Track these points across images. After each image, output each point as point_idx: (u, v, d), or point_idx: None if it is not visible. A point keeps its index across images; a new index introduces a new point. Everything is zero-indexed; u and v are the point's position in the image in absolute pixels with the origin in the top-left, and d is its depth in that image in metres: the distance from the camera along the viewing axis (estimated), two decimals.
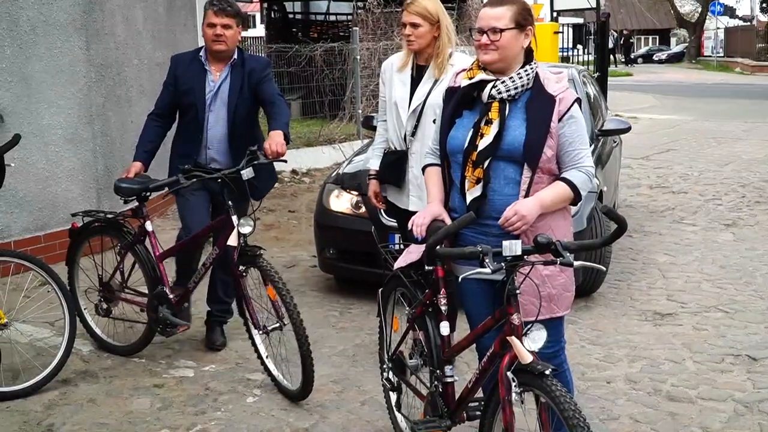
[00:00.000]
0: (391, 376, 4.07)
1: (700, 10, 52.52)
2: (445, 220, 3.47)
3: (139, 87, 8.23)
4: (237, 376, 4.98)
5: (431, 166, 3.65)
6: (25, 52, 6.73)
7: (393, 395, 4.10)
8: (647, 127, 17.57)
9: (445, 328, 3.54)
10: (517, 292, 3.08)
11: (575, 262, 3.05)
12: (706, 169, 12.44)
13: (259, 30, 43.93)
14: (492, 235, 3.34)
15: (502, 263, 3.02)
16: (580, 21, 29.11)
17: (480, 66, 3.47)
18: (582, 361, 5.19)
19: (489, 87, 3.39)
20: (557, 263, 3.04)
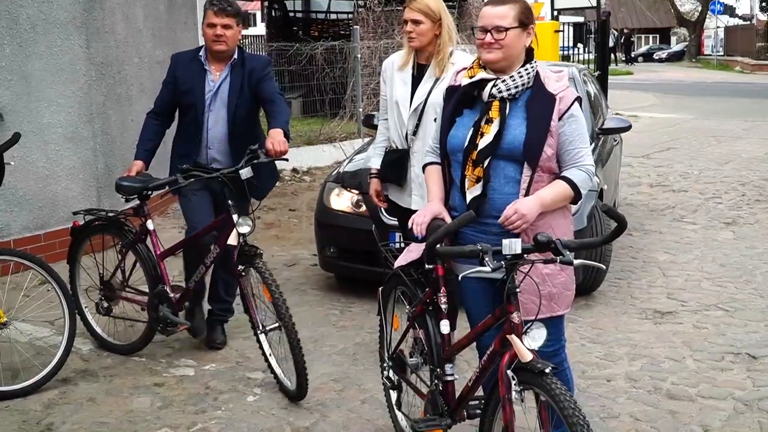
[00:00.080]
0: (392, 374, 4.07)
1: (700, 9, 52.50)
2: (445, 218, 3.47)
3: (140, 85, 8.22)
4: (237, 375, 4.98)
5: (431, 164, 3.65)
6: (25, 51, 6.73)
7: (393, 394, 4.11)
8: (647, 126, 17.57)
9: (445, 327, 3.53)
10: (517, 290, 3.09)
11: (575, 261, 3.05)
12: (706, 167, 12.43)
13: (259, 28, 43.95)
14: (492, 234, 3.34)
15: (502, 262, 3.03)
16: (580, 20, 29.12)
17: (480, 65, 3.46)
18: (582, 359, 5.19)
19: (489, 86, 3.39)
20: (557, 262, 3.04)
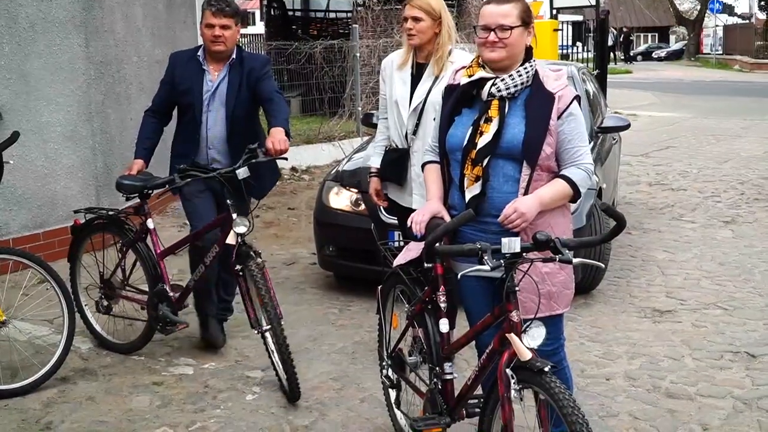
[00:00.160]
0: (391, 373, 4.07)
1: (699, 7, 52.46)
2: (444, 217, 3.47)
3: (139, 84, 8.22)
4: (236, 374, 4.98)
5: (430, 163, 3.65)
6: (24, 49, 6.72)
7: (392, 392, 4.11)
8: (646, 125, 17.56)
9: (444, 326, 3.53)
10: (516, 289, 3.09)
11: (574, 260, 3.05)
12: (705, 166, 12.43)
13: (258, 27, 43.94)
14: (491, 233, 3.34)
15: (501, 260, 3.03)
16: (579, 18, 29.12)
17: (480, 63, 3.46)
18: (581, 358, 5.19)
19: (489, 85, 3.39)
20: (556, 260, 3.05)
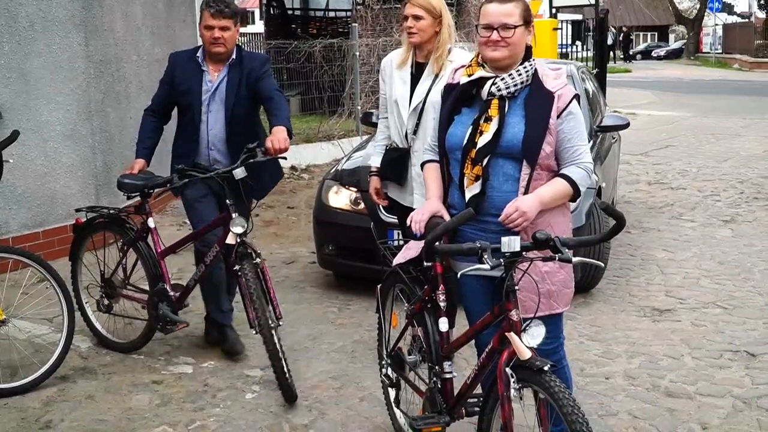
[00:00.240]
0: (390, 372, 4.08)
1: (699, 6, 52.48)
2: (444, 216, 3.47)
3: (138, 83, 8.22)
4: (236, 373, 4.98)
5: (430, 162, 3.65)
6: (24, 49, 6.72)
7: (392, 391, 4.11)
8: (646, 124, 17.56)
9: (443, 324, 3.53)
10: (515, 288, 3.09)
11: (574, 259, 3.05)
12: (704, 165, 12.43)
13: (258, 26, 43.93)
14: (491, 232, 3.34)
15: (501, 259, 3.03)
16: (578, 17, 29.09)
17: (479, 63, 3.46)
18: (581, 357, 5.19)
19: (488, 84, 3.38)
20: (556, 259, 3.05)
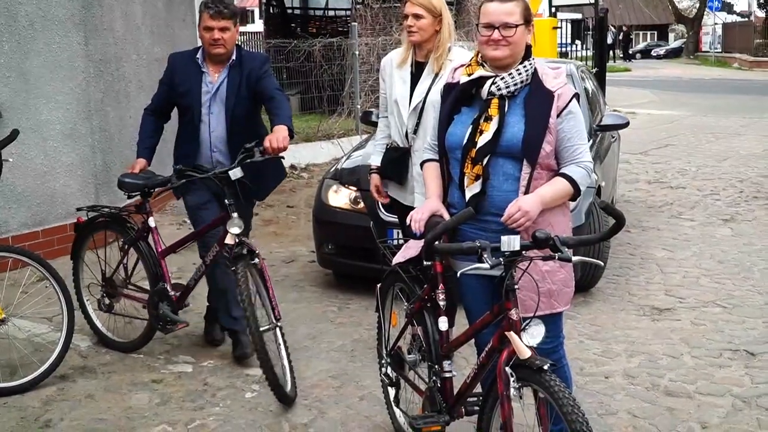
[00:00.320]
0: (390, 371, 4.08)
1: (698, 5, 52.45)
2: (444, 215, 3.47)
3: (138, 82, 8.22)
4: (235, 372, 4.98)
5: (429, 161, 3.65)
6: (24, 48, 6.72)
7: (391, 390, 4.11)
8: (645, 123, 17.56)
9: (443, 324, 3.54)
10: (515, 287, 3.09)
11: (573, 258, 3.05)
12: (704, 164, 12.43)
13: (257, 25, 43.94)
14: (491, 231, 3.34)
15: (501, 258, 3.03)
16: (578, 17, 29.11)
17: (479, 62, 3.46)
18: (580, 356, 5.19)
19: (488, 83, 3.38)
20: (555, 258, 3.05)
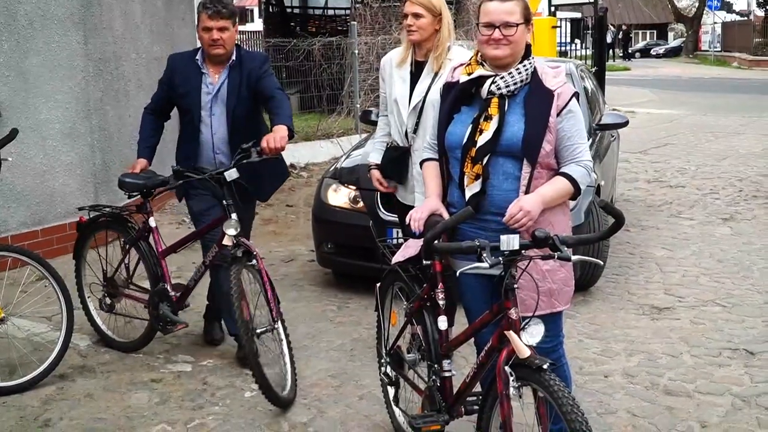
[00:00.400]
0: (389, 370, 4.08)
1: (698, 4, 52.46)
2: (443, 214, 3.46)
3: (137, 81, 8.22)
4: (235, 371, 4.98)
5: (429, 160, 3.65)
6: (23, 47, 6.72)
7: (391, 390, 4.11)
8: (645, 122, 17.56)
9: (443, 323, 3.53)
10: (515, 286, 3.08)
11: (573, 257, 3.05)
12: (703, 163, 12.43)
13: (257, 24, 43.96)
14: (491, 230, 3.34)
15: (500, 258, 3.03)
16: (577, 16, 29.09)
17: (478, 61, 3.45)
18: (580, 355, 5.19)
19: (488, 83, 3.38)
20: (555, 257, 3.04)
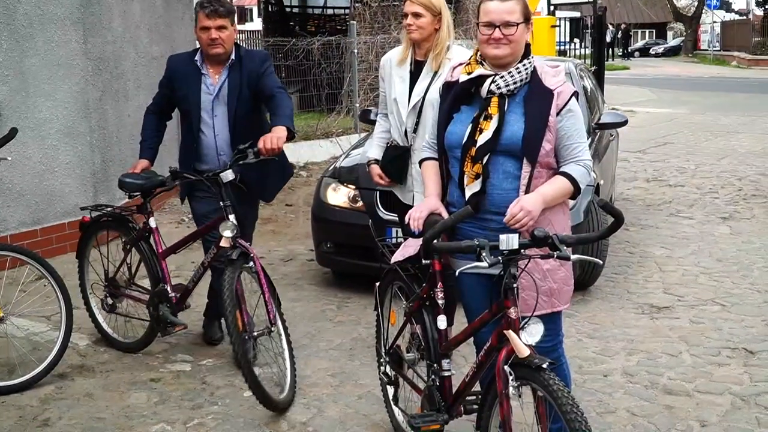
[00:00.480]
0: (389, 369, 4.08)
1: (697, 3, 52.45)
2: (442, 214, 3.46)
3: (136, 81, 8.21)
4: (234, 370, 4.95)
5: (428, 160, 3.65)
6: (22, 46, 6.71)
7: (390, 389, 4.11)
8: (644, 121, 17.56)
9: (442, 322, 3.54)
10: (514, 285, 3.08)
11: (572, 256, 3.05)
12: (702, 162, 12.43)
13: (256, 23, 43.96)
14: (490, 230, 3.33)
15: (499, 257, 3.02)
16: (576, 15, 29.13)
17: (478, 60, 3.45)
18: (579, 354, 5.19)
19: (488, 82, 3.37)
20: (554, 257, 3.04)
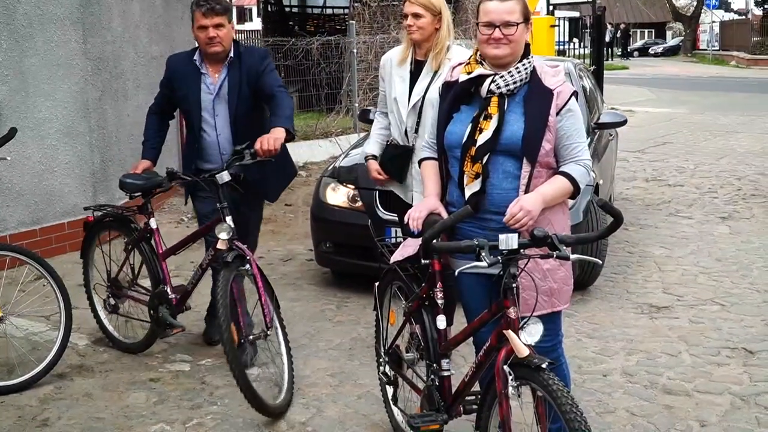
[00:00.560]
0: (388, 369, 4.08)
1: (696, 3, 52.47)
2: (442, 213, 3.46)
3: (136, 80, 8.21)
4: None
5: (428, 159, 3.65)
6: (22, 46, 6.71)
7: (390, 389, 4.11)
8: (643, 121, 17.57)
9: (441, 322, 3.54)
10: (513, 285, 3.08)
11: (572, 256, 3.05)
12: (701, 162, 12.43)
13: (255, 23, 43.97)
14: (490, 230, 3.33)
15: (499, 257, 3.02)
16: (576, 15, 29.14)
17: (477, 60, 3.45)
18: (578, 354, 5.19)
19: (488, 82, 3.37)
20: (554, 257, 3.04)
